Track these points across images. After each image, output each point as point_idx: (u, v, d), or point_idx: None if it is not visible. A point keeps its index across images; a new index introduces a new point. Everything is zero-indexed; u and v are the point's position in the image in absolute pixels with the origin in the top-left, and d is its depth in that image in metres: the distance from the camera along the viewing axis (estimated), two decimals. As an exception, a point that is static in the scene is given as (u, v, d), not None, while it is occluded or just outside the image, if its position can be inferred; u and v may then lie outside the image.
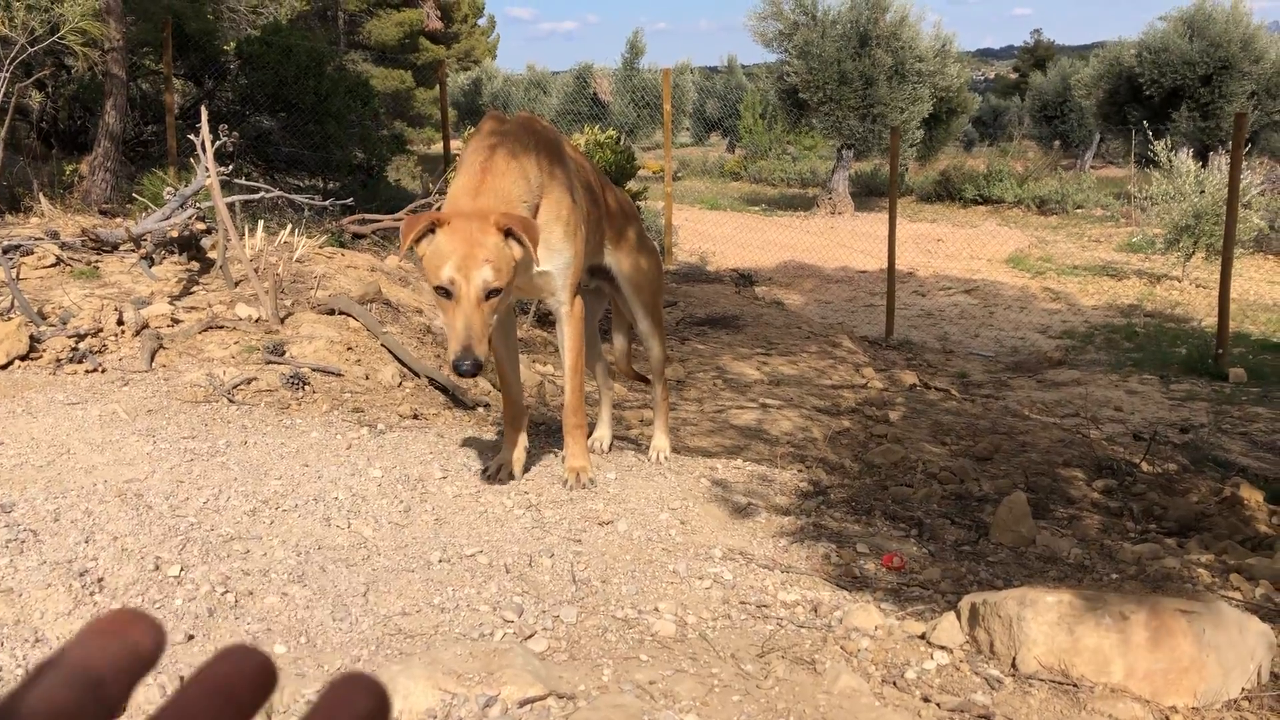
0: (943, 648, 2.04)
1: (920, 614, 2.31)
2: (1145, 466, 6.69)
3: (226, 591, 2.21)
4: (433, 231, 2.72)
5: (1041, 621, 1.94)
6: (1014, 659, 1.96)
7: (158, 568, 2.28)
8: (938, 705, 1.80)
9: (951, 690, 1.88)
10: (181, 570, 2.28)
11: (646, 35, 28.90)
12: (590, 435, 3.81)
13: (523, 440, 3.37)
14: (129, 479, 2.84)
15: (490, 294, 2.67)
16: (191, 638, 2.02)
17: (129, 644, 0.37)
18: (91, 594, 2.16)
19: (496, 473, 3.24)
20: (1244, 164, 13.47)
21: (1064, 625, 1.93)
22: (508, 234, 2.73)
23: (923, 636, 2.11)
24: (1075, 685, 1.88)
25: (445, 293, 2.67)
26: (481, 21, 37.35)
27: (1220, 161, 14.87)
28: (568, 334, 3.32)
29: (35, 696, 0.35)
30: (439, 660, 1.85)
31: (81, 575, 2.22)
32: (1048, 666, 1.92)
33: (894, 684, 1.89)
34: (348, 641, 2.05)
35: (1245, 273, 15.33)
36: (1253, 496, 5.73)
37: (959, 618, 2.11)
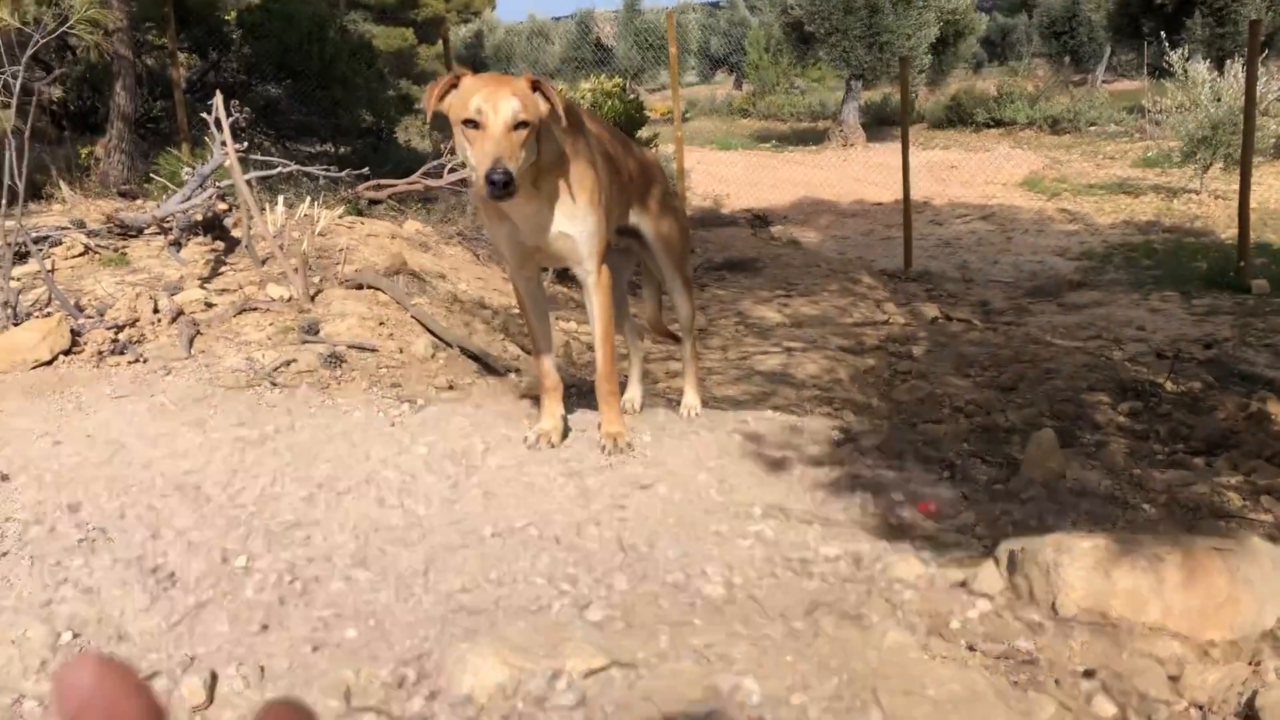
0: (984, 595, 2.13)
1: (960, 561, 2.39)
2: (1170, 386, 6.73)
3: (293, 580, 2.31)
4: (455, 86, 2.81)
5: (1078, 566, 2.02)
6: (1054, 603, 2.04)
7: (225, 560, 2.39)
8: (983, 654, 1.89)
9: (995, 638, 1.97)
10: (248, 561, 2.39)
11: (646, -26, 28.56)
12: (622, 395, 3.90)
13: (559, 409, 3.46)
14: (185, 471, 2.94)
15: (518, 125, 2.72)
16: (266, 627, 2.13)
17: None
18: (166, 590, 2.27)
19: (536, 442, 3.33)
20: (1260, 70, 13.28)
21: (1100, 569, 2.00)
22: (535, 87, 2.82)
23: (963, 584, 2.20)
24: (1115, 626, 1.96)
25: (473, 124, 2.72)
26: (479, -29, 36.89)
27: (1236, 69, 14.64)
28: (596, 303, 3.38)
29: None
30: (504, 637, 1.95)
31: (154, 571, 2.32)
32: (1086, 609, 2.00)
33: (940, 634, 1.98)
34: (414, 621, 2.16)
35: (1265, 180, 15.17)
36: (1280, 410, 5.76)
37: (997, 565, 2.19)
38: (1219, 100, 14.27)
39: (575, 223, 3.19)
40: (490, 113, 2.69)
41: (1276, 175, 15.72)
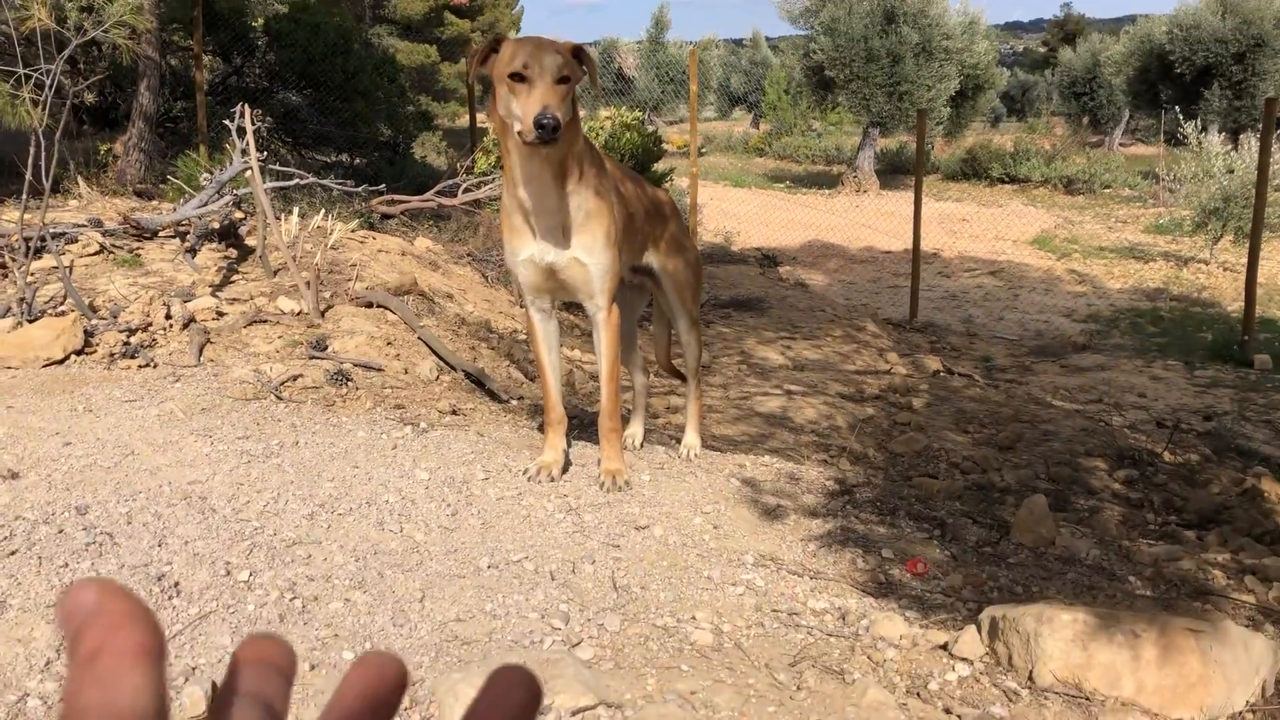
0: (964, 659, 2.18)
1: (943, 623, 2.45)
2: (1167, 456, 6.77)
3: (294, 597, 2.37)
4: (496, 50, 2.96)
5: (1058, 638, 2.08)
6: (1031, 672, 2.09)
7: (229, 573, 2.44)
8: (958, 717, 1.94)
9: (971, 702, 2.02)
10: (250, 575, 2.44)
11: (672, 8, 28.83)
12: (624, 429, 3.97)
13: (562, 443, 3.52)
14: (192, 481, 3.00)
15: (561, 79, 2.87)
16: (265, 643, 2.19)
17: (279, 669, 0.43)
18: (170, 598, 2.32)
19: (536, 474, 3.39)
20: (1277, 146, 13.38)
21: (1079, 642, 2.06)
22: (575, 52, 2.98)
23: (945, 647, 2.25)
24: (1088, 698, 2.02)
25: (520, 77, 2.85)
26: (507, -7, 37.27)
27: (1251, 142, 14.79)
28: (605, 340, 3.45)
29: None
30: (496, 669, 2.00)
31: (159, 580, 2.38)
32: (1063, 680, 2.05)
33: (918, 694, 2.03)
34: (408, 647, 2.21)
35: (1274, 256, 15.27)
36: (1273, 489, 5.80)
37: (980, 630, 2.25)
38: (1232, 172, 14.39)
39: (592, 255, 3.28)
40: (536, 66, 2.83)
41: (1285, 251, 15.82)
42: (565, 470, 3.46)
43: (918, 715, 1.93)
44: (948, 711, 1.98)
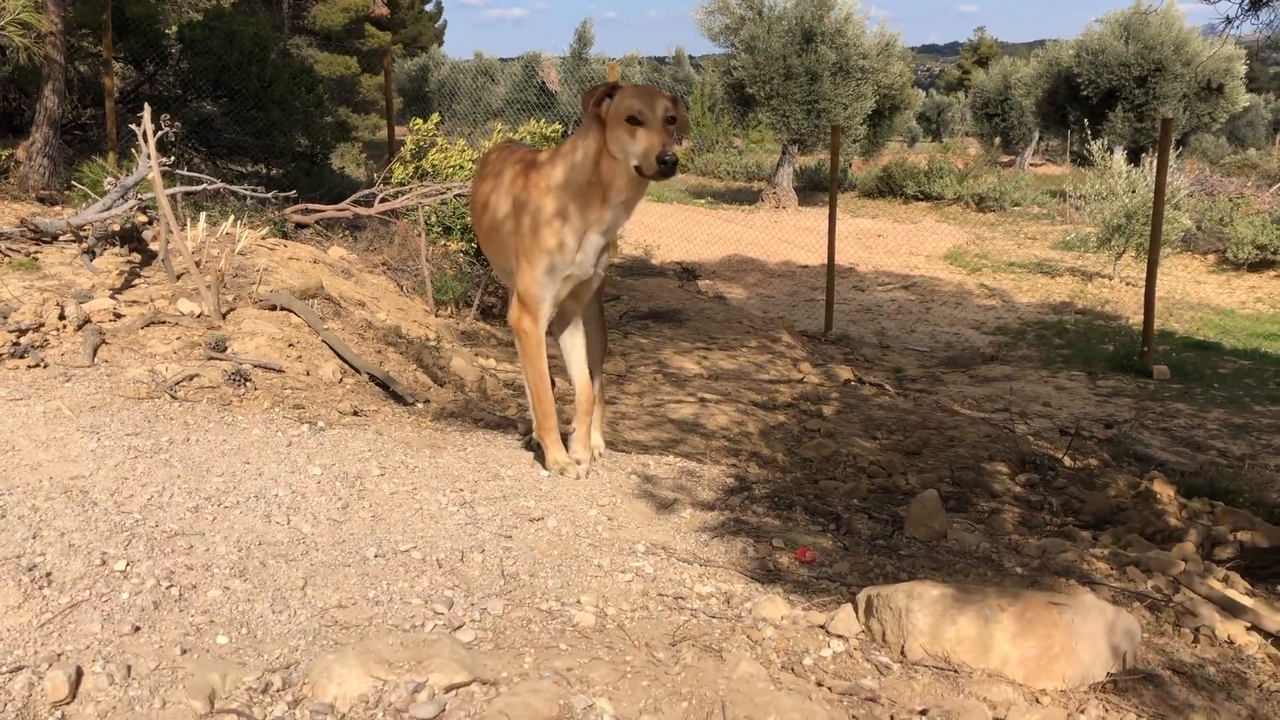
0: (840, 636, 2.23)
1: (824, 605, 2.49)
2: (1068, 461, 6.96)
3: (171, 585, 2.33)
4: (611, 95, 3.40)
5: (927, 613, 2.13)
6: (903, 647, 2.15)
7: (104, 563, 2.40)
8: (829, 689, 1.98)
9: (843, 675, 2.06)
10: (127, 565, 2.40)
11: (595, 24, 28.97)
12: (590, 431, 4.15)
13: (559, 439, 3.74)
14: (74, 475, 2.94)
15: (668, 121, 3.35)
16: (138, 629, 2.15)
17: None
18: (40, 588, 2.27)
19: (561, 473, 3.57)
20: (1175, 165, 13.85)
21: (948, 616, 2.12)
22: (673, 101, 3.42)
23: (822, 626, 2.29)
24: (956, 671, 2.07)
25: (636, 120, 3.32)
26: (429, 7, 37.15)
27: (1151, 162, 15.32)
28: (600, 333, 4.08)
29: None
30: (372, 650, 1.99)
31: (30, 570, 2.33)
32: (932, 654, 2.11)
33: (791, 670, 2.07)
34: (286, 633, 2.19)
35: (1173, 271, 15.81)
36: (1165, 491, 5.99)
37: (856, 609, 2.30)
38: (1133, 191, 14.88)
39: (605, 267, 3.75)
40: (650, 111, 3.31)
41: (1184, 266, 16.38)
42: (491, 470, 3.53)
43: (789, 687, 1.96)
44: (819, 684, 2.02)
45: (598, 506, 3.21)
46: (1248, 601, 3.50)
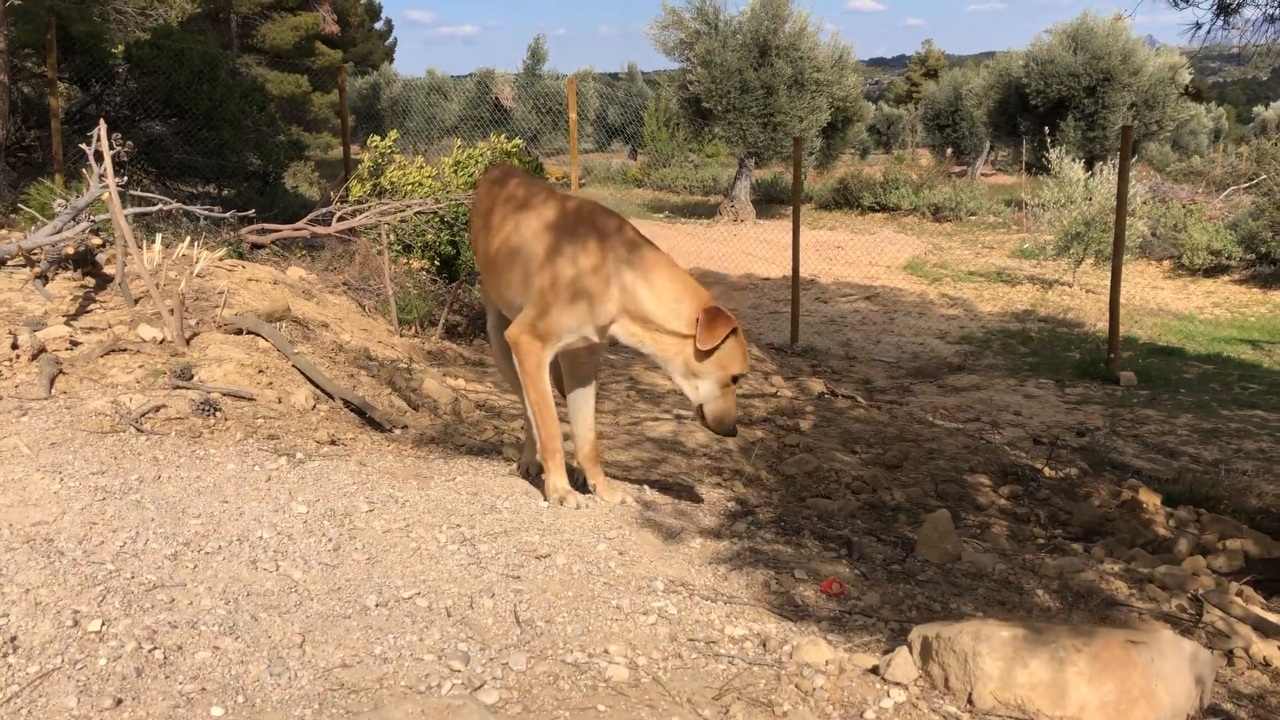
0: (898, 684, 2.05)
1: (867, 645, 2.31)
2: (1048, 471, 6.87)
3: (154, 648, 2.09)
4: (734, 333, 3.32)
5: (996, 656, 1.96)
6: (970, 694, 1.97)
7: (76, 623, 2.15)
8: (900, 747, 1.80)
9: (911, 730, 1.88)
10: (103, 625, 2.15)
11: (547, 41, 28.83)
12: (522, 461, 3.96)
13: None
14: (37, 522, 2.68)
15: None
16: (120, 702, 1.90)
17: None
18: (4, 655, 2.02)
19: (560, 503, 3.39)
20: (1131, 174, 13.91)
21: (1019, 659, 1.94)
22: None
23: (876, 671, 2.11)
24: (1032, 719, 1.90)
25: (734, 379, 3.38)
26: (379, 25, 36.83)
27: (1107, 170, 15.42)
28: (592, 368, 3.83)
29: None
30: None
31: (-7, 635, 2.08)
32: (1004, 701, 1.93)
33: (854, 725, 1.88)
34: (288, 699, 1.96)
35: (1130, 278, 15.91)
36: (1150, 500, 5.91)
37: (911, 651, 2.12)
38: (1090, 199, 14.96)
39: None
40: (740, 382, 3.42)
41: (1141, 273, 16.51)
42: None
43: (856, 747, 1.78)
44: (886, 741, 1.83)
45: (606, 540, 3.01)
46: (1276, 619, 3.38)
